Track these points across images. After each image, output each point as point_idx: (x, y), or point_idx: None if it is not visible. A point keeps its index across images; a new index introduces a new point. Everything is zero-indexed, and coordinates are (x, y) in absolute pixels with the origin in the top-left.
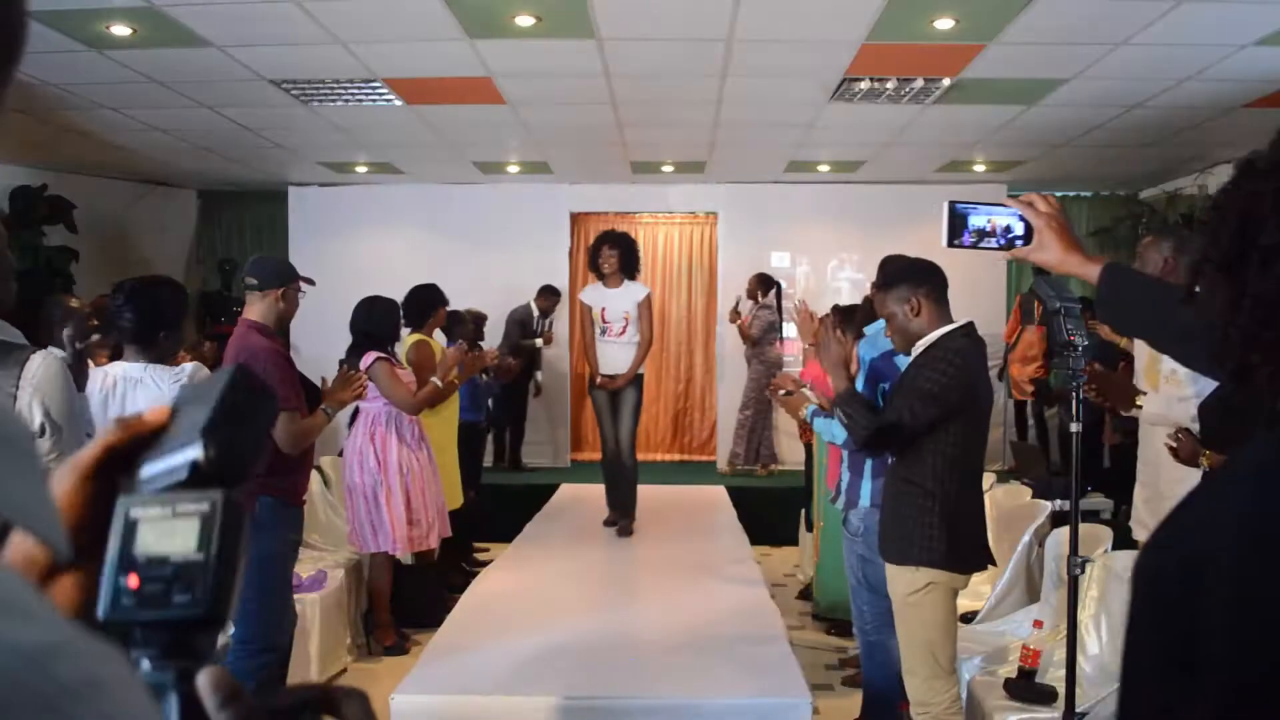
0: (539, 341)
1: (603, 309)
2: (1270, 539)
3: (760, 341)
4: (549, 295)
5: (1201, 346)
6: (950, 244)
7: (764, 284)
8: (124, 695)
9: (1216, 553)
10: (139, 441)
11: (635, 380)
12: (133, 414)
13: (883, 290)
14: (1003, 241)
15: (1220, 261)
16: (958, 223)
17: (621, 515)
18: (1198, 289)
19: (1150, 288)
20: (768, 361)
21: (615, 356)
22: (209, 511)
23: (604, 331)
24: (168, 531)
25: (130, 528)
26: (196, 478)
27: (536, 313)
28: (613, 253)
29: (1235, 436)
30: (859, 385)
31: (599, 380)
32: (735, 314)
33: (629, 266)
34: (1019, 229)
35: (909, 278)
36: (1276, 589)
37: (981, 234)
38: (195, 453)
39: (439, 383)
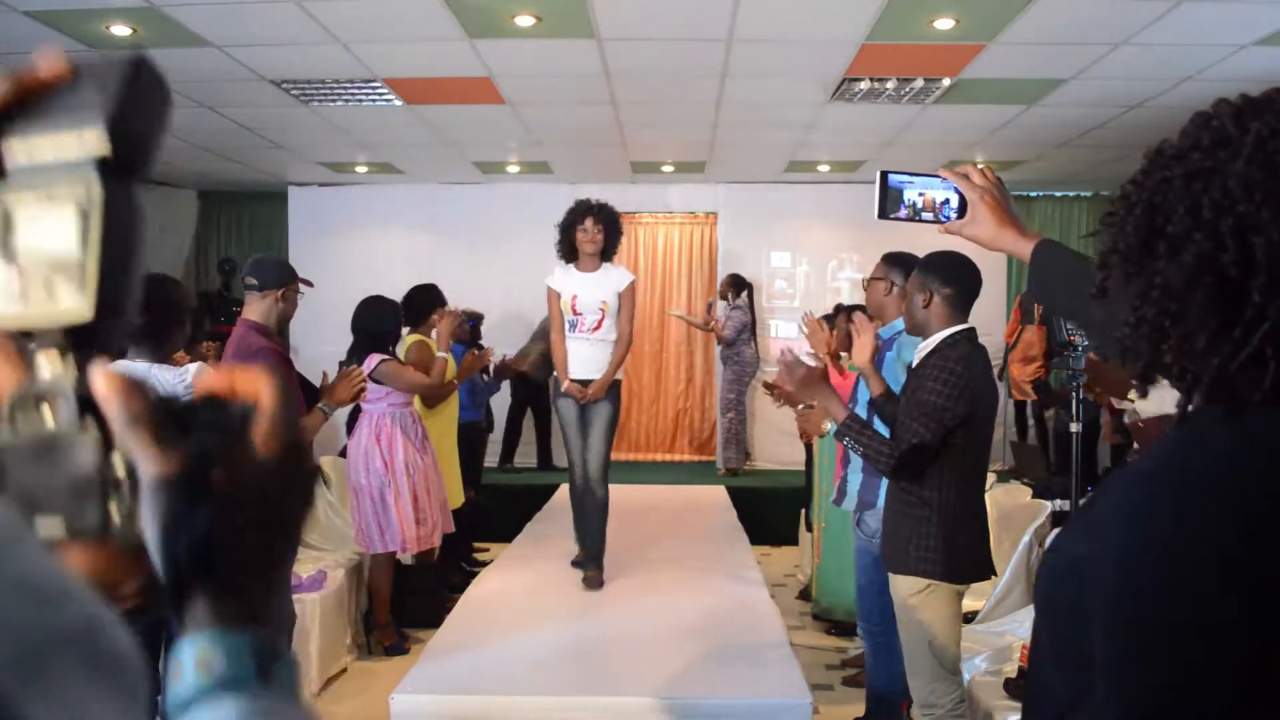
0: None
1: (574, 297)
2: (1151, 540)
3: (735, 342)
4: None
5: (1113, 340)
6: (883, 216)
7: (736, 285)
8: (139, 662)
9: (1102, 554)
10: (23, 98)
11: (611, 391)
12: (25, 67)
13: (918, 270)
14: (944, 216)
15: (1127, 252)
16: (892, 195)
17: (590, 559)
18: (1108, 282)
19: (1075, 267)
20: (743, 362)
21: (586, 357)
22: (87, 202)
23: (573, 326)
24: (46, 225)
25: (6, 219)
26: (100, 168)
27: None
28: (599, 228)
29: None
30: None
31: (565, 386)
32: (709, 317)
33: (611, 247)
34: (955, 202)
35: (943, 273)
36: (1157, 589)
37: (917, 208)
38: (96, 142)
39: (445, 353)
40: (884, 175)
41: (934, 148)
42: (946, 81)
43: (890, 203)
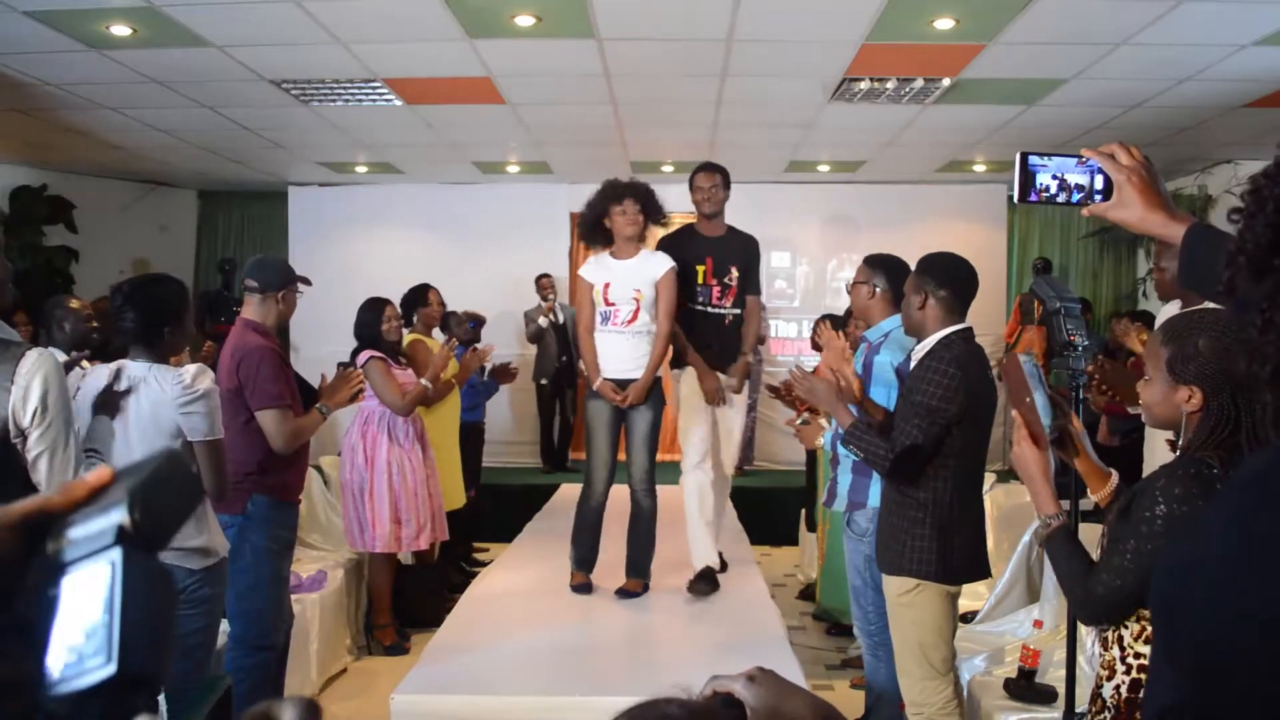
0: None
1: (606, 285)
2: (1253, 542)
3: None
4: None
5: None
6: (1023, 200)
7: None
8: None
9: (1207, 556)
10: (77, 505)
11: (652, 392)
12: (77, 480)
13: (914, 272)
14: (1076, 197)
15: (1255, 252)
16: (1030, 176)
17: (634, 574)
18: (1236, 281)
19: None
20: (761, 359)
21: (619, 352)
22: (110, 574)
23: (605, 318)
24: (77, 604)
25: (50, 605)
26: (121, 540)
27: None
28: (638, 208)
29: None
30: (887, 398)
31: (596, 385)
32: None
33: (648, 226)
34: (1097, 183)
35: (936, 275)
36: (1258, 591)
37: (1053, 190)
38: (120, 516)
39: (427, 384)
40: (1024, 156)
41: (934, 148)
42: (946, 81)
43: (1029, 185)
